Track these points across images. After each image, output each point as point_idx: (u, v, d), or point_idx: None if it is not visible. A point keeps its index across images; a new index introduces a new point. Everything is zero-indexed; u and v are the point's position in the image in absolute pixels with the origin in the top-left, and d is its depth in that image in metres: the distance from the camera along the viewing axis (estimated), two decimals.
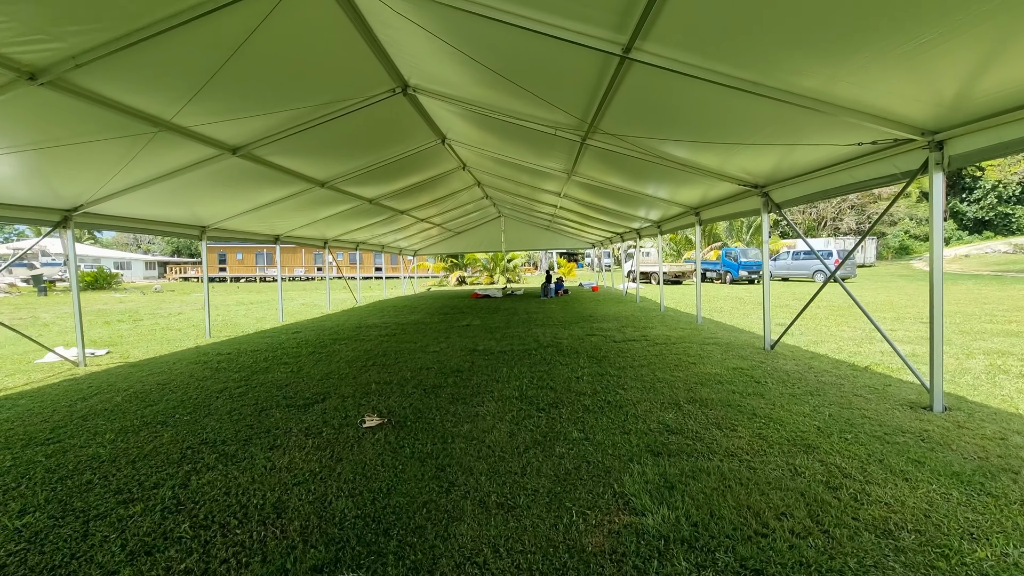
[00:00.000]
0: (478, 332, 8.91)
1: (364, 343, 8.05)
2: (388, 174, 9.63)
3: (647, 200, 9.77)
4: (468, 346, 7.46)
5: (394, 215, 13.67)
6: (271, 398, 4.91)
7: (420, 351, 7.19)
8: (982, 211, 47.82)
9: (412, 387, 5.18)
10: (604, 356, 6.41)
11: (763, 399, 4.40)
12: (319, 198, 9.59)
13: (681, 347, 6.86)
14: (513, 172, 10.71)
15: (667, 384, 5.00)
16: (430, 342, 7.96)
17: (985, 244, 44.41)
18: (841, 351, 6.39)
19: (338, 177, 8.65)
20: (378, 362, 6.50)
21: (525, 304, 14.62)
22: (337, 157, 7.82)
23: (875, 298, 13.62)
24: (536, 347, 7.17)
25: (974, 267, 34.07)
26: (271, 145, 6.35)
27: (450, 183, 12.55)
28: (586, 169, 8.14)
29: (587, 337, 7.94)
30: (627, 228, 15.14)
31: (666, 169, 6.71)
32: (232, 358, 7.02)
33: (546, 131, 6.23)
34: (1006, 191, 46.61)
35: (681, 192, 8.45)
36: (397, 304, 15.82)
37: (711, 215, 8.66)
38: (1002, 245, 42.17)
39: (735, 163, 5.89)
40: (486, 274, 30.39)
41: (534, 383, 5.18)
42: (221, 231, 9.90)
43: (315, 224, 12.11)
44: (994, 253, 40.36)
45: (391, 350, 7.32)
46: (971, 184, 49.26)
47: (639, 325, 9.18)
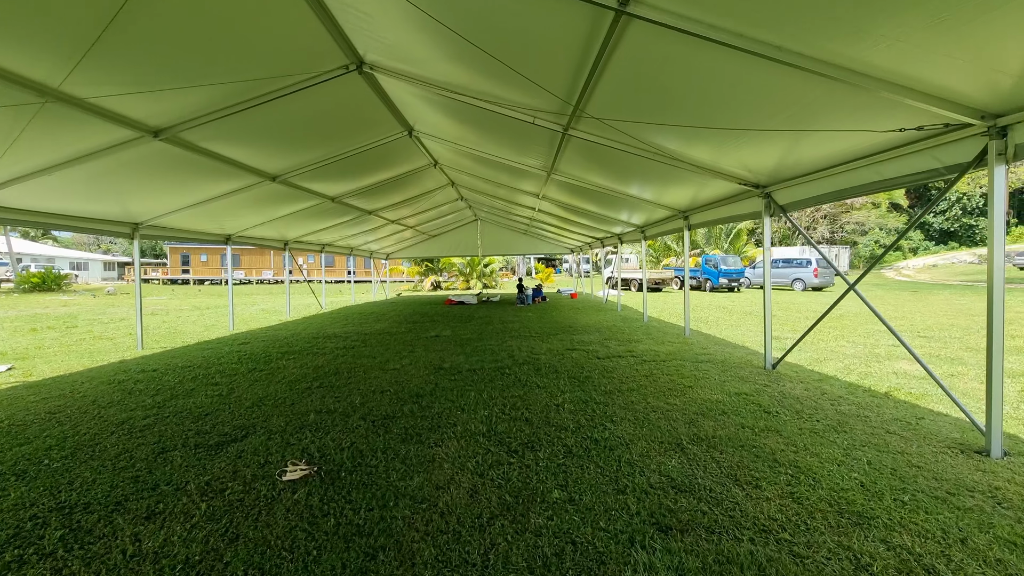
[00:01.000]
0: (447, 345, 8.03)
1: (316, 358, 7.09)
2: (350, 169, 8.71)
3: (631, 202, 9.07)
4: (434, 362, 6.58)
5: (361, 215, 12.70)
6: (180, 434, 3.96)
7: (378, 369, 6.28)
8: (947, 222, 49.21)
9: (359, 418, 4.28)
10: (587, 377, 5.62)
11: (780, 437, 3.66)
12: (271, 194, 8.60)
13: (672, 365, 6.12)
14: (490, 171, 9.90)
15: (663, 415, 4.22)
16: (391, 357, 7.04)
17: (951, 254, 45.62)
18: (850, 371, 5.74)
19: (291, 171, 7.70)
20: (326, 383, 5.57)
21: (501, 312, 13.78)
22: (288, 147, 6.88)
23: (861, 309, 13.23)
24: (511, 364, 6.34)
25: (943, 276, 34.72)
26: (202, 128, 5.39)
27: (422, 182, 11.67)
28: (567, 166, 7.38)
29: (567, 352, 7.14)
30: (608, 233, 14.47)
31: (654, 165, 5.98)
32: (155, 377, 5.99)
33: (524, 119, 5.43)
34: (970, 203, 48.02)
35: (668, 193, 7.76)
36: (364, 311, 14.80)
37: (702, 219, 8.00)
38: (967, 255, 43.35)
39: (734, 157, 5.18)
40: (462, 279, 29.46)
41: (506, 413, 4.35)
42: (158, 229, 8.80)
43: (272, 223, 11.07)
44: (960, 263, 41.43)
45: (345, 367, 6.39)
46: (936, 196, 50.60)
47: (623, 338, 8.44)
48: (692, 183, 6.71)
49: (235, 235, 10.99)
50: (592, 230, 14.66)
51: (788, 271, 23.88)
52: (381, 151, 8.07)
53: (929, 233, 51.70)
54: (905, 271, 41.87)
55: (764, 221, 5.82)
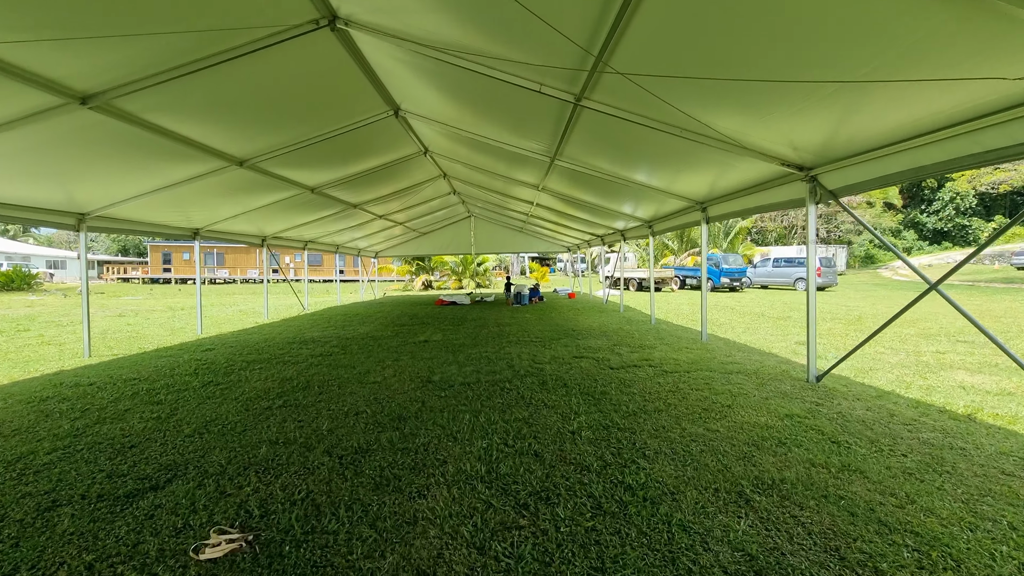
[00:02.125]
0: (437, 352, 7.13)
1: (286, 368, 6.16)
2: (330, 156, 7.78)
3: (639, 192, 8.22)
4: (421, 374, 5.68)
5: (346, 209, 11.76)
6: (86, 477, 3.03)
7: (356, 382, 5.37)
8: (941, 222, 49.10)
9: (323, 452, 3.37)
10: (602, 392, 4.75)
11: (867, 481, 2.82)
12: (241, 182, 7.65)
13: (699, 378, 5.27)
14: (486, 158, 9.01)
15: (706, 446, 3.36)
16: (373, 367, 6.13)
17: (945, 254, 45.49)
18: (907, 384, 4.92)
19: (261, 155, 6.75)
20: (291, 401, 4.65)
21: (496, 313, 12.89)
22: (253, 125, 5.93)
23: (873, 309, 12.51)
24: (511, 376, 5.45)
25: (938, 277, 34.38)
26: (143, 96, 4.47)
27: (411, 173, 10.75)
28: (574, 149, 6.51)
29: (575, 361, 6.27)
30: (610, 229, 13.64)
31: (674, 144, 5.13)
32: (87, 393, 5.04)
33: (529, 86, 4.56)
34: (963, 203, 47.97)
35: (683, 180, 6.88)
36: (349, 312, 13.83)
37: (723, 211, 7.14)
38: (960, 255, 43.20)
39: (774, 130, 4.32)
40: (454, 278, 28.51)
41: (510, 444, 3.46)
42: (109, 221, 7.81)
43: (247, 217, 10.09)
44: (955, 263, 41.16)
45: (317, 380, 5.47)
46: (930, 196, 50.63)
47: (634, 343, 7.59)
48: (713, 167, 5.86)
49: (204, 229, 10.00)
50: (592, 226, 13.81)
51: (790, 271, 23.22)
52: (364, 135, 7.16)
53: (923, 233, 51.64)
54: (901, 271, 41.61)
55: (808, 211, 4.98)
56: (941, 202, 48.89)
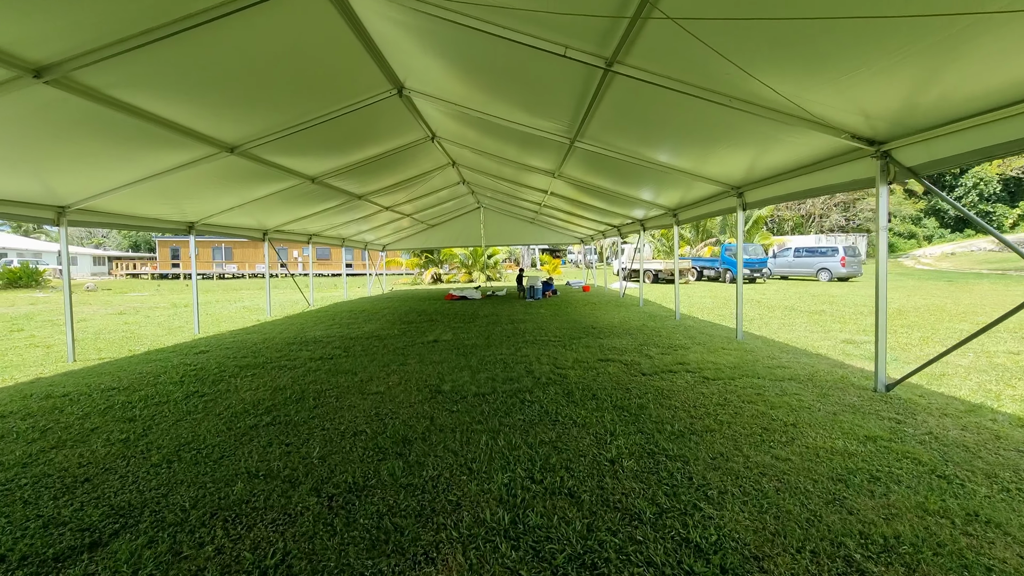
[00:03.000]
0: (448, 354, 6.51)
1: (281, 374, 5.58)
2: (329, 142, 7.16)
3: (662, 176, 7.50)
4: (430, 381, 5.06)
5: (350, 201, 11.16)
6: (18, 525, 2.45)
7: (357, 392, 4.76)
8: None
9: (310, 491, 2.77)
10: (640, 406, 4.10)
11: (1006, 536, 2.15)
12: (234, 171, 7.06)
13: (747, 386, 4.59)
14: (497, 143, 8.34)
15: (781, 483, 2.71)
16: (377, 373, 5.53)
17: (968, 242, 44.12)
18: (997, 396, 4.20)
19: (252, 140, 6.15)
20: (281, 417, 4.06)
21: (508, 309, 12.26)
22: (241, 105, 5.31)
23: (911, 302, 11.68)
24: (531, 385, 4.81)
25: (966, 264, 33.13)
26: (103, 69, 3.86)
27: (418, 161, 10.11)
28: (598, 128, 5.81)
29: (601, 366, 5.61)
30: (628, 219, 12.91)
31: (706, 115, 4.46)
32: (55, 407, 4.49)
33: (552, 50, 3.87)
34: (987, 188, 46.44)
35: (717, 159, 6.10)
36: (355, 308, 13.28)
37: (764, 196, 6.39)
38: (985, 243, 41.80)
39: (844, 95, 3.59)
40: (464, 271, 27.90)
41: (536, 479, 2.83)
42: (93, 214, 7.27)
43: (246, 209, 9.52)
44: (980, 251, 39.88)
45: (314, 390, 4.88)
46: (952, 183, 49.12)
47: (663, 343, 6.91)
48: (755, 143, 5.14)
49: (200, 223, 9.44)
50: (609, 215, 13.07)
51: (813, 260, 22.29)
52: (366, 118, 6.53)
53: (944, 221, 50.17)
54: (924, 259, 40.35)
55: (878, 192, 4.24)
56: (964, 188, 47.39)
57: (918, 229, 48.77)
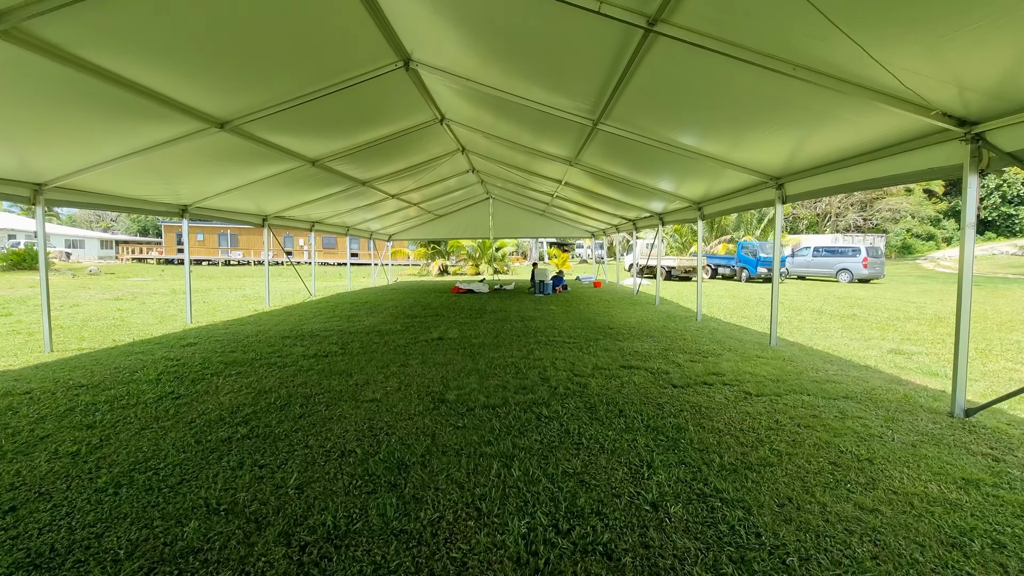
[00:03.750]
0: (453, 355, 5.94)
1: (269, 373, 5.03)
2: (329, 121, 6.59)
3: (687, 164, 6.85)
4: (433, 389, 4.49)
5: (354, 187, 10.59)
6: None
7: (350, 399, 4.20)
8: (985, 211, 46.37)
9: (277, 537, 2.20)
10: (677, 428, 3.50)
11: None
12: (226, 150, 6.50)
13: (798, 405, 3.98)
14: (510, 127, 7.72)
15: (877, 544, 2.11)
16: (374, 376, 4.97)
17: (989, 245, 42.95)
18: None
19: (243, 115, 5.58)
20: (259, 429, 3.50)
21: (518, 304, 11.67)
22: (227, 73, 4.74)
23: (947, 307, 10.95)
24: (548, 396, 4.23)
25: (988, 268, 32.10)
26: (58, 21, 3.30)
27: (425, 146, 9.51)
28: (627, 107, 5.17)
29: (625, 374, 5.02)
30: (645, 212, 12.23)
31: (749, 89, 3.84)
32: (12, 408, 3.96)
33: (585, 5, 3.26)
34: (1010, 191, 45.19)
35: (750, 144, 5.43)
36: (357, 300, 12.74)
37: (810, 188, 5.72)
38: (1007, 247, 40.69)
39: (936, 58, 2.95)
40: (471, 263, 27.32)
41: (562, 530, 2.25)
42: (75, 193, 6.74)
43: (243, 192, 8.96)
44: (1001, 255, 38.80)
45: (301, 394, 4.32)
46: None
47: (690, 348, 6.30)
48: (803, 124, 4.51)
49: (193, 205, 8.91)
50: (624, 208, 12.41)
51: (833, 260, 21.48)
52: (369, 95, 5.94)
53: None
54: (944, 262, 39.22)
55: (966, 183, 3.59)
56: (986, 189, 46.16)
57: (937, 231, 47.57)
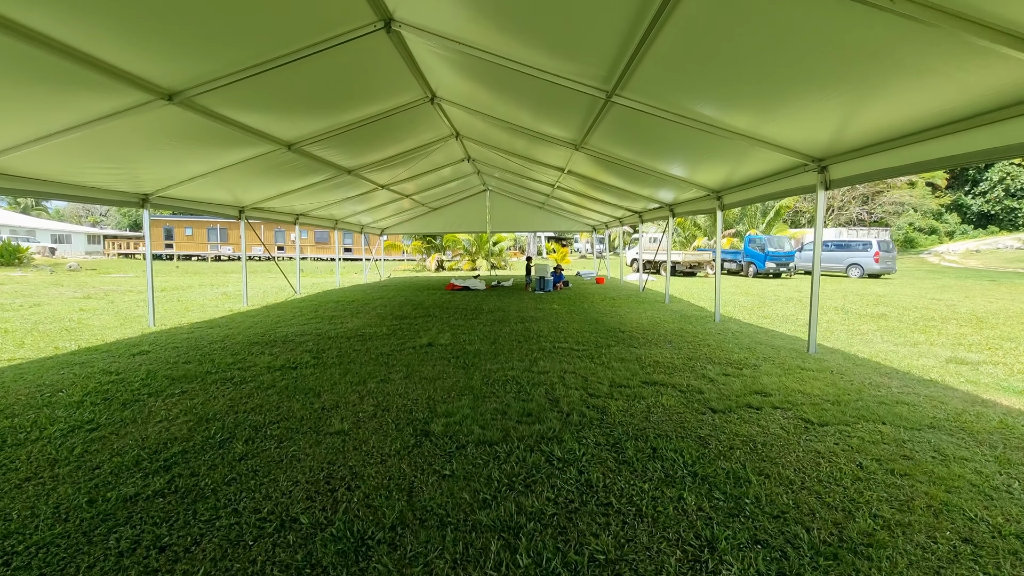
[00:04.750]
0: (443, 366, 5.09)
1: (221, 393, 4.17)
2: (299, 96, 5.70)
3: (706, 147, 6.01)
4: (417, 414, 3.64)
5: (339, 175, 9.69)
6: None
7: (310, 432, 3.35)
8: (988, 204, 45.80)
9: None
10: (735, 477, 2.66)
11: None
12: (178, 128, 5.61)
13: (874, 437, 3.15)
14: (509, 106, 6.84)
15: None
16: (347, 394, 4.11)
17: (991, 239, 42.38)
18: None
19: (197, 87, 4.69)
20: (181, 482, 2.64)
21: (517, 303, 10.81)
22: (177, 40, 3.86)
23: (978, 306, 10.16)
24: (558, 426, 3.38)
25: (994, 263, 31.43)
26: None
27: (416, 130, 8.63)
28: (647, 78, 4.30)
29: (648, 392, 4.17)
30: (653, 203, 11.36)
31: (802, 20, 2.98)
32: None
33: None
34: (1014, 184, 44.56)
35: (786, 115, 4.54)
36: (345, 298, 11.86)
37: (862, 169, 4.85)
38: (1010, 240, 40.09)
39: None
40: (468, 259, 26.42)
41: None
42: (9, 179, 5.83)
43: (212, 180, 8.05)
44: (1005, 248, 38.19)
45: (250, 425, 3.46)
46: (976, 177, 47.23)
47: (719, 356, 5.46)
48: (856, 88, 3.65)
49: (156, 194, 7.99)
50: (630, 199, 11.53)
51: (842, 255, 20.70)
52: (345, 64, 5.06)
53: (967, 216, 48.35)
54: (948, 256, 38.57)
55: None
56: (989, 183, 45.59)
57: (939, 224, 46.97)
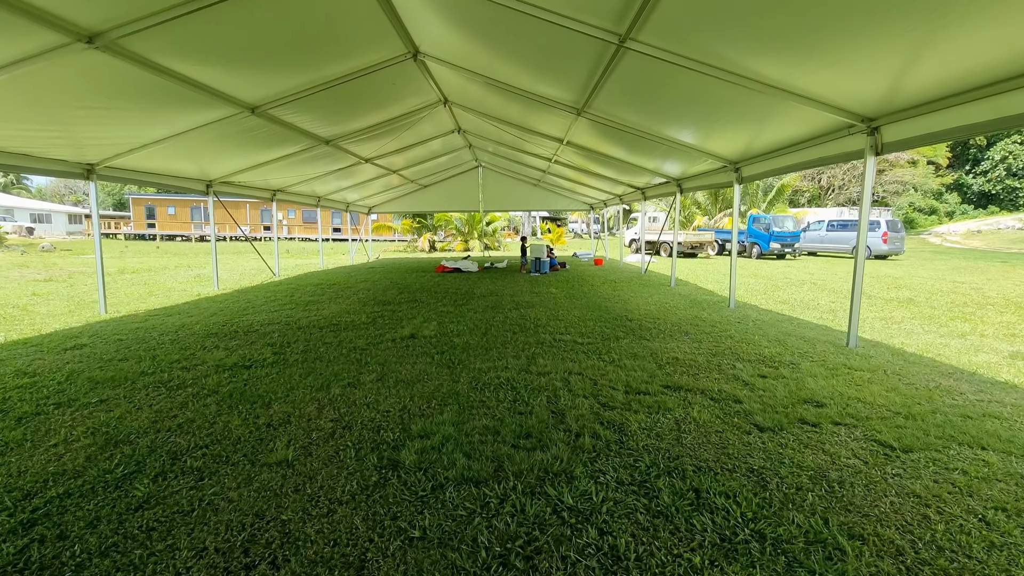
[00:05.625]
0: (425, 365, 4.31)
1: (149, 401, 3.38)
2: (255, 44, 4.77)
3: (723, 101, 5.17)
4: (385, 435, 2.86)
5: (316, 146, 8.75)
6: None
7: (242, 463, 2.57)
8: (989, 184, 45.20)
9: None
10: (819, 542, 1.90)
11: None
12: (115, 84, 4.71)
13: (977, 470, 2.42)
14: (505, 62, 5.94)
15: None
16: (304, 403, 3.33)
17: (992, 219, 41.94)
18: None
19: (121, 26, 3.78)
20: (34, 553, 1.87)
21: (511, 286, 10.02)
22: None
23: (1002, 290, 9.48)
24: (567, 455, 2.61)
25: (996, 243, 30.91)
26: None
27: (401, 95, 7.69)
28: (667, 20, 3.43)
29: (673, 401, 3.42)
30: (658, 178, 10.50)
31: None
32: None
33: None
34: (1016, 163, 43.87)
35: (826, 63, 3.76)
36: (326, 281, 11.00)
37: (914, 132, 4.06)
38: (1011, 220, 39.60)
39: None
40: (460, 239, 25.49)
41: None
42: None
43: (170, 148, 7.10)
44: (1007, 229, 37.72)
45: (168, 450, 2.68)
46: (977, 156, 46.54)
47: (744, 350, 4.71)
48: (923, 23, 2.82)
49: (103, 164, 7.02)
50: (633, 173, 10.66)
51: (848, 235, 19.99)
52: (307, 5, 4.14)
53: (967, 196, 47.77)
54: (950, 237, 38.05)
55: None
56: (990, 162, 44.89)
57: (939, 204, 46.40)
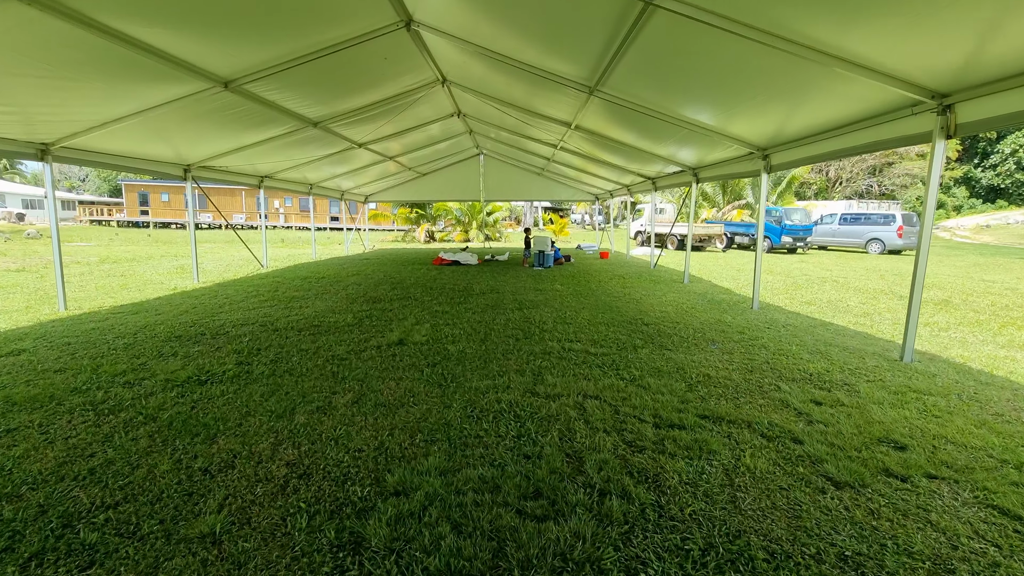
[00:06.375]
0: (412, 382, 3.65)
1: (69, 431, 2.73)
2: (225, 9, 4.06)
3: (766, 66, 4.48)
4: (351, 490, 2.20)
5: (303, 128, 8.04)
6: None
7: (152, 539, 1.91)
8: (998, 178, 44.36)
9: None
10: None
11: None
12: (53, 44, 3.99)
13: None
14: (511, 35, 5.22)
15: None
16: (258, 435, 2.68)
17: (1001, 214, 41.22)
18: None
19: None
20: None
21: (512, 281, 9.34)
22: None
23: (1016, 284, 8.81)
24: (590, 535, 1.95)
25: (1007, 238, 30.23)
26: None
27: (392, 72, 6.95)
28: None
29: (716, 440, 2.76)
30: (673, 166, 9.79)
31: None
32: None
33: None
34: None
35: (878, 27, 3.10)
36: (315, 274, 10.32)
37: (997, 111, 3.38)
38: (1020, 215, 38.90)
39: None
40: (460, 229, 24.75)
41: None
42: None
43: (138, 130, 6.41)
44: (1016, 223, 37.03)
45: (65, 507, 2.04)
46: (987, 149, 45.64)
47: (785, 365, 4.05)
48: None
49: (59, 144, 6.30)
50: (644, 160, 9.94)
51: (862, 229, 19.24)
52: None
53: (975, 190, 46.97)
54: (960, 232, 37.33)
55: None
56: (1000, 155, 44.00)
57: (947, 198, 45.65)
